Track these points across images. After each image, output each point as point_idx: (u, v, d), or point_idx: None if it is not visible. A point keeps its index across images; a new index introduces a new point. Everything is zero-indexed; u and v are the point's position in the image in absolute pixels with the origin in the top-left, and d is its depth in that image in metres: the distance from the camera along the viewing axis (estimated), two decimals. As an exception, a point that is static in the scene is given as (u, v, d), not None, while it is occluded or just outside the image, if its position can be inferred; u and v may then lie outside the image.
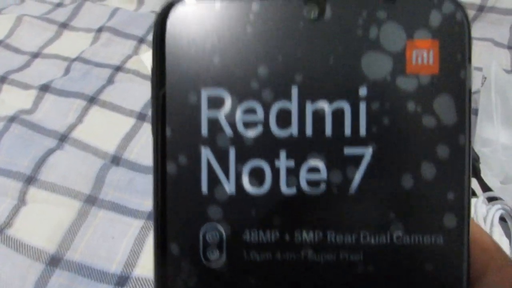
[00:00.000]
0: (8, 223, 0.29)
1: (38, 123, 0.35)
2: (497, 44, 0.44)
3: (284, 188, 0.12)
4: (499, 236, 0.28)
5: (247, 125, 0.12)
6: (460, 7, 0.11)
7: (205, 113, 0.12)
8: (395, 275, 0.12)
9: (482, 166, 0.32)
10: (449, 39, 0.11)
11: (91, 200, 0.31)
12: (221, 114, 0.12)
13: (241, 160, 0.12)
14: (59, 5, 0.50)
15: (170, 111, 0.12)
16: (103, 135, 0.35)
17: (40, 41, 0.44)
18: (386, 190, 0.12)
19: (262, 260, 0.12)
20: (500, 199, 0.29)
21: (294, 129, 0.12)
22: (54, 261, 0.27)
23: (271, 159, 0.12)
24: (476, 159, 0.32)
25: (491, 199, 0.29)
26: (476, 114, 0.35)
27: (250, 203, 0.12)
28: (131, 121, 0.37)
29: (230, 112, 0.12)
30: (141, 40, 0.45)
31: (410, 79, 0.11)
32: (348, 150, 0.12)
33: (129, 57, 0.43)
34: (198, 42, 0.12)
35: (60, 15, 0.48)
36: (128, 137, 0.36)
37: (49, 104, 0.38)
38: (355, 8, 0.11)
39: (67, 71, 0.41)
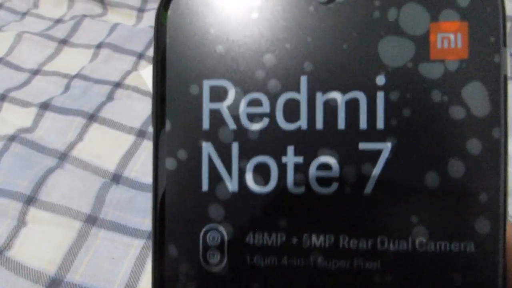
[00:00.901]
0: (8, 244, 0.29)
1: (38, 142, 0.35)
2: None
3: (291, 187, 0.11)
4: None
5: (251, 118, 0.11)
6: None
7: (206, 105, 0.11)
8: (417, 287, 0.10)
9: None
10: (479, 19, 0.10)
11: (92, 220, 0.30)
12: (224, 106, 0.11)
13: (245, 155, 0.11)
14: (59, 21, 0.50)
15: (170, 103, 0.11)
16: (103, 153, 0.35)
17: (40, 58, 0.45)
18: (407, 190, 0.10)
19: (266, 265, 0.11)
20: None
21: (303, 122, 0.11)
22: (55, 284, 0.27)
23: (278, 154, 0.11)
24: None
25: None
26: None
27: (254, 203, 0.11)
28: (131, 138, 0.37)
29: (233, 104, 0.11)
30: (140, 56, 0.45)
31: (435, 66, 0.10)
32: (364, 145, 0.10)
33: (128, 73, 0.43)
34: (201, 31, 0.11)
35: (60, 31, 0.48)
36: (128, 155, 0.36)
37: (49, 122, 0.38)
38: None
39: (67, 88, 0.41)
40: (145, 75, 0.43)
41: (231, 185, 0.11)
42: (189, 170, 0.11)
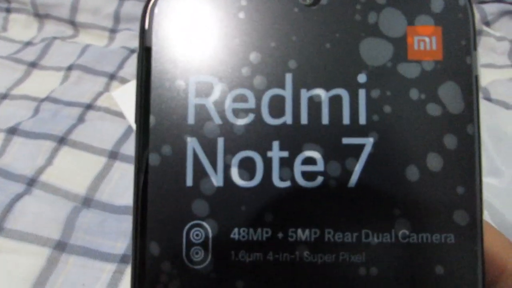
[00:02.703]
0: (-27, 276, 0.28)
1: (5, 168, 0.34)
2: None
3: (277, 181, 0.11)
4: None
5: (237, 113, 0.11)
6: None
7: (192, 101, 0.11)
8: (400, 278, 0.10)
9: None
10: (452, 24, 0.11)
11: (61, 246, 0.30)
12: (210, 102, 0.11)
13: (230, 150, 0.11)
14: (28, 44, 0.50)
15: (154, 98, 0.11)
16: (73, 177, 0.34)
17: (8, 82, 0.44)
18: (389, 184, 0.11)
19: (252, 261, 0.10)
20: None
21: (288, 118, 0.11)
22: (22, 315, 0.26)
23: (263, 149, 0.11)
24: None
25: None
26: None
27: (240, 198, 0.11)
28: (102, 160, 0.36)
29: (219, 100, 0.11)
30: (112, 77, 0.45)
31: (412, 66, 0.11)
32: (347, 140, 0.11)
33: (100, 94, 0.42)
34: (187, 28, 0.11)
35: (29, 54, 0.47)
36: (100, 177, 0.35)
37: (17, 148, 0.37)
38: None
39: (36, 111, 0.41)
40: (117, 96, 0.42)
41: (216, 180, 0.11)
42: (173, 165, 0.11)
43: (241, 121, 0.11)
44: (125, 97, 0.42)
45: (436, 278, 0.10)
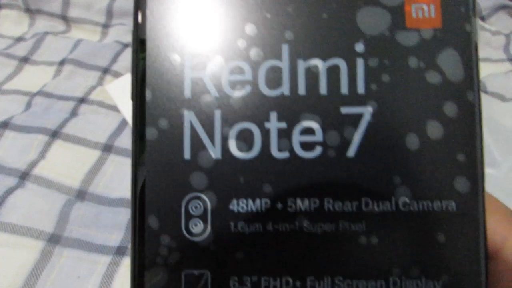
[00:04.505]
0: (-35, 271, 0.27)
1: (-3, 162, 0.34)
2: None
3: (275, 152, 0.11)
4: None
5: (234, 85, 0.11)
6: None
7: (188, 74, 0.11)
8: (401, 246, 0.10)
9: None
10: None
11: (55, 239, 0.29)
12: (206, 75, 0.11)
13: (227, 122, 0.11)
14: (19, 39, 0.49)
15: (150, 72, 0.11)
16: (67, 170, 0.34)
17: (0, 77, 0.43)
18: (389, 152, 0.10)
19: (251, 232, 0.10)
20: None
21: (285, 89, 0.11)
22: (15, 308, 0.26)
23: (261, 120, 0.11)
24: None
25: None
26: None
27: (238, 169, 0.11)
28: (96, 154, 0.36)
29: (215, 73, 0.11)
30: (105, 71, 0.45)
31: (410, 34, 0.11)
32: (346, 110, 0.11)
33: (93, 88, 0.42)
34: (182, 1, 0.11)
35: (21, 49, 0.47)
36: (94, 170, 0.35)
37: (9, 142, 0.36)
38: None
39: (28, 106, 0.40)
40: (111, 89, 0.42)
41: (214, 152, 0.11)
42: (171, 139, 0.11)
43: (238, 93, 0.11)
44: (119, 90, 0.41)
45: (437, 246, 0.10)
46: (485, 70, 0.44)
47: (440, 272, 0.10)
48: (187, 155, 0.11)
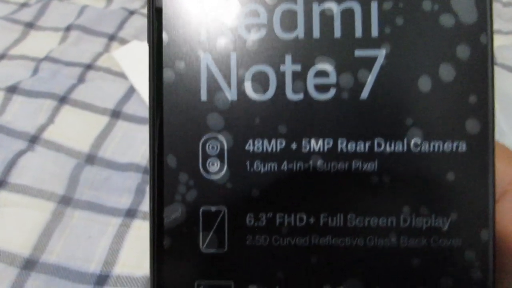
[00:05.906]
0: (-21, 229, 0.28)
1: (7, 125, 0.34)
2: None
3: (290, 94, 0.11)
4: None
5: (249, 28, 0.11)
6: None
7: (204, 17, 0.11)
8: (413, 186, 0.11)
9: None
10: None
11: (66, 201, 0.30)
12: (222, 18, 0.11)
13: (243, 65, 0.11)
14: (24, 4, 0.48)
15: (167, 16, 0.11)
16: (76, 135, 0.34)
17: (6, 42, 0.43)
18: (401, 94, 0.11)
19: (266, 171, 0.11)
20: None
21: (300, 31, 0.11)
22: (29, 265, 0.26)
23: (276, 63, 0.11)
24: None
25: None
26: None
27: (253, 110, 0.11)
28: (105, 119, 0.36)
29: (231, 16, 0.11)
30: (112, 37, 0.44)
31: None
32: (359, 52, 0.11)
33: (100, 54, 0.42)
34: None
35: (26, 15, 0.46)
36: (103, 135, 0.35)
37: (18, 106, 0.36)
38: None
39: (35, 71, 0.40)
40: (118, 56, 0.42)
41: (230, 94, 0.11)
42: (188, 80, 0.11)
43: (254, 36, 0.11)
44: (126, 57, 0.41)
45: (447, 185, 0.11)
46: (496, 42, 0.43)
47: (449, 210, 0.11)
48: (203, 96, 0.11)
